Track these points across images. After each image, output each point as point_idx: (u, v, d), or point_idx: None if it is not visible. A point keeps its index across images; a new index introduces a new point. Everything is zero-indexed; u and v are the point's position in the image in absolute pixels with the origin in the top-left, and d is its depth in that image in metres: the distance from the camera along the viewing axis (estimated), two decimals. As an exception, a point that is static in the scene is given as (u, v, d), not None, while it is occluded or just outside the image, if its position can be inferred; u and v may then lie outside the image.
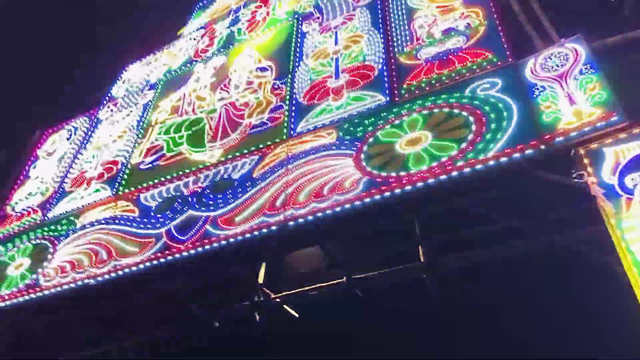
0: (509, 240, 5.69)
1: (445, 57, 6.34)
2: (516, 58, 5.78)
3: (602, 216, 4.08)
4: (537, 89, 5.26)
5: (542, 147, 4.78)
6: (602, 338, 5.57)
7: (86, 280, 6.68)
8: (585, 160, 4.46)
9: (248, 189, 6.39)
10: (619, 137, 4.43)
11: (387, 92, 6.43)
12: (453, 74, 6.07)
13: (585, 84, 4.96)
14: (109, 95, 10.86)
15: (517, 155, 4.86)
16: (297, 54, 8.12)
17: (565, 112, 4.86)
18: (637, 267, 3.73)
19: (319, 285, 6.75)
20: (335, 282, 6.62)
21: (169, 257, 6.28)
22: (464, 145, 5.20)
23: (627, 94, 4.73)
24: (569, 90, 5.01)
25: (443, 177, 5.11)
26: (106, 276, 6.56)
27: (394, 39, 7.14)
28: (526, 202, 5.59)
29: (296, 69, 7.81)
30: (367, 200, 5.39)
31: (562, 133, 4.74)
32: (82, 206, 8.00)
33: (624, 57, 5.56)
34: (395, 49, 6.96)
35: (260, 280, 7.07)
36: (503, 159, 4.90)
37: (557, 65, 5.31)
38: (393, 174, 5.40)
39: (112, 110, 10.14)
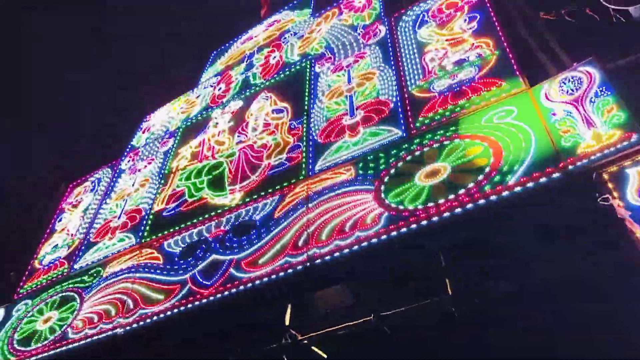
0: (537, 268, 5.56)
1: (458, 88, 6.39)
2: (530, 85, 5.80)
3: (632, 238, 3.98)
4: (554, 114, 5.25)
5: (564, 171, 4.74)
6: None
7: (114, 331, 6.69)
8: (609, 183, 4.40)
9: (270, 230, 6.41)
10: (642, 157, 4.38)
11: (402, 126, 6.47)
12: (468, 104, 6.10)
13: (602, 106, 4.94)
14: (130, 145, 11.12)
15: (538, 181, 4.82)
16: (312, 94, 8.27)
17: (584, 135, 4.84)
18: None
19: (346, 324, 6.64)
20: (362, 320, 6.51)
21: (195, 303, 6.27)
22: (484, 174, 5.19)
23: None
24: (586, 114, 4.99)
25: (467, 206, 5.07)
26: (134, 325, 6.57)
27: (406, 73, 7.23)
28: (551, 228, 5.48)
29: (311, 109, 7.93)
30: (390, 234, 5.37)
31: (583, 156, 4.70)
32: (108, 256, 8.09)
33: (637, 77, 5.54)
34: (408, 83, 7.04)
35: (287, 322, 6.98)
36: (525, 186, 4.86)
37: (572, 89, 5.31)
38: (414, 207, 5.39)
39: (133, 160, 10.37)
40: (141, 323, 6.54)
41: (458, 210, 5.10)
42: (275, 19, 12.32)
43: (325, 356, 7.15)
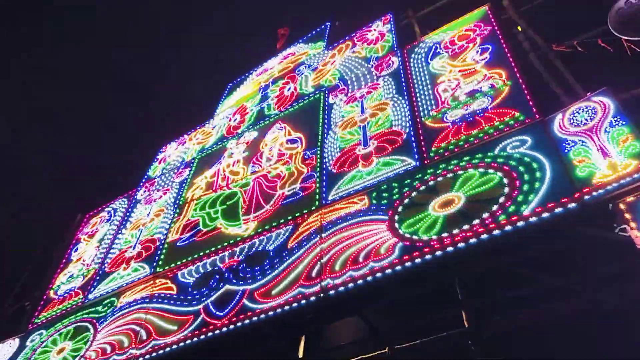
0: (554, 299, 5.45)
1: (471, 119, 6.40)
2: (543, 115, 5.79)
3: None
4: (568, 143, 5.23)
5: (579, 202, 4.69)
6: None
7: (126, 362, 6.66)
8: (626, 214, 4.34)
9: (283, 260, 6.40)
10: (661, 187, 4.33)
11: (416, 155, 6.48)
12: (481, 134, 6.10)
13: (617, 136, 4.91)
14: (147, 175, 11.27)
15: (555, 210, 4.77)
16: (325, 125, 8.34)
17: (599, 165, 4.80)
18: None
19: (360, 357, 6.54)
20: (377, 352, 6.40)
21: (208, 334, 6.24)
22: (499, 204, 5.15)
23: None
24: (601, 144, 4.96)
25: (482, 237, 5.03)
26: (147, 356, 6.53)
27: (420, 104, 7.28)
28: (569, 259, 5.40)
29: (325, 139, 7.99)
30: (404, 265, 5.32)
31: (599, 186, 4.65)
32: (122, 286, 8.11)
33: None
34: (422, 114, 7.07)
35: (300, 354, 6.89)
36: (541, 216, 4.81)
37: (586, 120, 5.30)
38: (429, 237, 5.35)
39: (149, 190, 10.48)
40: (154, 354, 6.50)
41: (473, 240, 5.05)
42: (290, 51, 12.56)
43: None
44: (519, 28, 7.78)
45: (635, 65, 6.24)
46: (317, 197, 7.01)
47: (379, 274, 5.42)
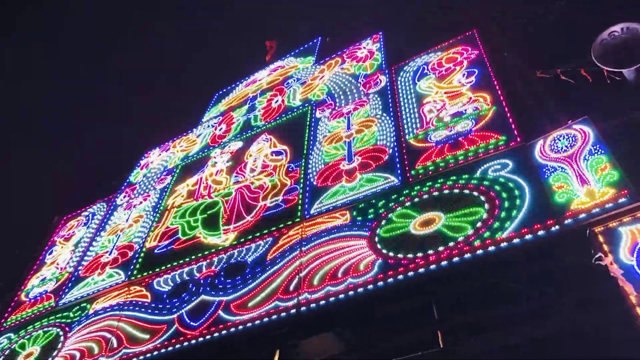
0: (530, 322, 5.48)
1: (455, 140, 6.47)
2: (525, 140, 5.88)
3: (624, 296, 3.96)
4: (548, 169, 5.31)
5: (557, 227, 4.75)
6: None
7: (95, 369, 6.51)
8: (602, 240, 4.41)
9: (262, 273, 6.35)
10: (636, 216, 4.40)
11: (399, 174, 6.52)
12: (464, 156, 6.17)
13: (595, 164, 5.00)
14: (128, 181, 11.14)
15: (533, 235, 4.83)
16: (311, 139, 8.36)
17: (578, 192, 4.88)
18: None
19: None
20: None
21: (180, 345, 6.14)
22: (478, 225, 5.21)
23: (637, 173, 4.74)
24: (580, 171, 5.05)
25: (458, 258, 5.06)
26: (116, 365, 6.40)
27: (405, 123, 7.34)
28: (546, 282, 5.44)
29: (310, 153, 8.00)
30: (383, 283, 5.32)
31: (576, 213, 4.72)
32: (96, 292, 7.96)
33: (631, 137, 5.64)
34: (406, 132, 7.14)
35: (274, 368, 6.82)
36: (519, 239, 4.87)
37: (567, 147, 5.39)
38: (407, 256, 5.37)
39: (129, 196, 10.36)
40: (124, 363, 6.37)
41: (451, 261, 5.09)
42: (279, 64, 12.60)
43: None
44: (505, 54, 7.91)
45: (615, 96, 6.39)
46: (299, 210, 6.99)
47: (357, 290, 5.41)
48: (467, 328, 5.89)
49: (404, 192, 6.20)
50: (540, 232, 4.81)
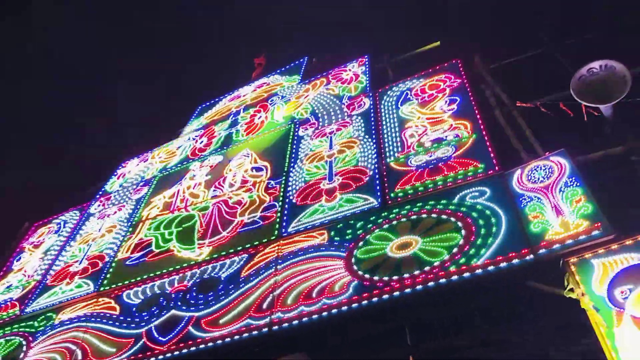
0: (501, 350, 5.50)
1: (435, 165, 6.53)
2: (503, 169, 5.96)
3: (594, 328, 4.01)
4: (524, 199, 5.38)
5: (532, 256, 4.80)
6: None
7: (57, 382, 6.30)
8: (574, 272, 4.46)
9: (235, 289, 6.26)
10: (610, 249, 4.47)
11: (378, 195, 6.53)
12: (442, 181, 6.22)
13: (571, 196, 5.08)
14: (103, 189, 10.96)
15: (507, 263, 4.87)
16: (293, 156, 8.34)
17: (552, 222, 4.94)
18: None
19: (303, 395, 6.38)
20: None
21: None
22: (454, 251, 5.23)
23: (611, 207, 4.84)
24: (555, 202, 5.12)
25: (433, 283, 5.07)
26: (79, 378, 6.21)
27: (386, 145, 7.40)
28: (519, 311, 5.48)
29: (291, 170, 7.98)
30: (357, 305, 5.28)
31: (550, 243, 4.78)
32: (63, 302, 7.75)
33: (606, 171, 5.76)
34: (387, 155, 7.18)
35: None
36: (493, 267, 4.90)
37: (543, 177, 5.48)
38: (383, 278, 5.36)
39: (104, 205, 10.18)
40: (87, 376, 6.18)
41: (426, 285, 5.09)
42: (264, 81, 12.63)
43: None
44: (488, 84, 8.07)
45: (592, 131, 6.54)
46: (277, 227, 6.94)
47: (331, 312, 5.36)
48: (440, 354, 5.89)
49: (383, 214, 6.21)
50: (515, 261, 4.85)
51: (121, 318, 6.82)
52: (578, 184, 5.17)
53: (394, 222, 5.99)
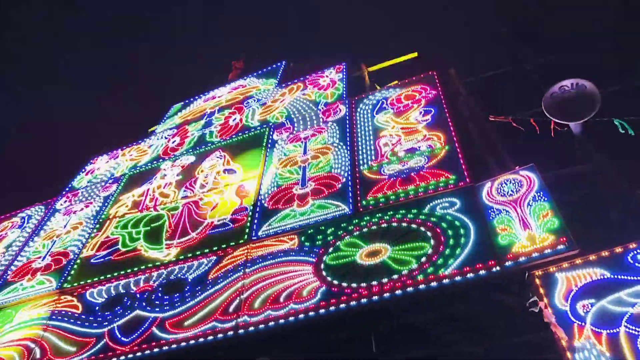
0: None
1: (407, 175, 6.58)
2: (474, 181, 6.05)
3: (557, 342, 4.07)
4: (493, 211, 5.46)
5: (498, 268, 4.87)
6: None
7: (12, 382, 6.10)
8: (539, 284, 4.54)
9: (201, 291, 6.18)
10: (574, 263, 4.56)
11: (350, 202, 6.54)
12: (414, 191, 6.27)
13: (538, 211, 5.17)
14: (70, 185, 10.71)
15: (474, 273, 4.92)
16: (266, 160, 8.30)
17: (519, 235, 5.03)
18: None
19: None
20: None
21: (108, 360, 5.85)
22: (422, 260, 5.27)
23: (577, 223, 4.95)
24: (523, 215, 5.21)
25: (401, 291, 5.09)
26: (35, 378, 6.02)
27: (360, 153, 7.42)
28: (484, 323, 5.54)
29: (264, 174, 7.94)
30: (324, 310, 5.27)
31: (517, 255, 4.86)
32: (23, 298, 7.52)
33: (573, 188, 5.90)
34: (361, 163, 7.21)
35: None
36: (461, 277, 4.95)
37: (512, 191, 5.57)
38: (352, 285, 5.36)
39: (70, 201, 9.94)
40: (44, 376, 6.01)
41: (393, 293, 5.11)
42: (240, 83, 12.57)
43: None
44: (462, 97, 8.20)
45: (563, 148, 6.70)
46: (247, 231, 6.88)
47: (298, 317, 5.34)
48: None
49: (354, 221, 6.22)
50: (482, 272, 4.91)
51: (83, 317, 6.66)
52: (546, 199, 5.27)
53: (365, 230, 6.01)
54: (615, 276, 4.32)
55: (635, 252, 4.42)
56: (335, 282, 5.48)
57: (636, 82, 7.43)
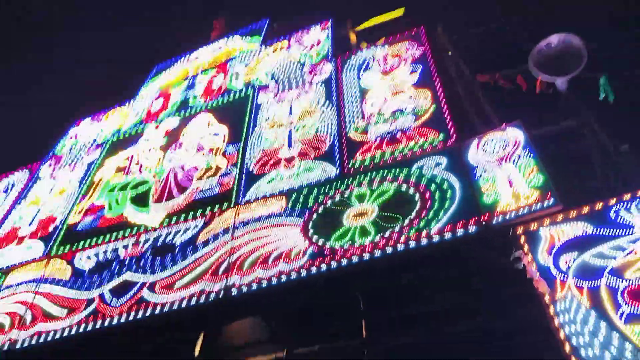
0: (450, 319, 5.66)
1: (394, 135, 6.56)
2: (460, 139, 6.05)
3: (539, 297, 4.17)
4: (479, 169, 5.48)
5: (483, 226, 4.92)
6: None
7: (4, 346, 6.14)
8: (523, 241, 4.61)
9: (190, 255, 6.21)
10: (557, 220, 4.62)
11: (337, 164, 6.53)
12: (401, 151, 6.27)
13: (523, 168, 5.21)
14: (53, 150, 10.54)
15: (459, 232, 4.98)
16: (251, 122, 8.20)
17: (504, 193, 5.07)
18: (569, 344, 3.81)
19: (257, 358, 6.45)
20: (274, 355, 6.34)
21: (99, 323, 5.90)
22: (408, 219, 5.31)
23: (561, 179, 4.99)
24: (508, 173, 5.25)
25: (387, 250, 5.15)
26: (27, 342, 6.06)
27: (347, 114, 7.36)
28: (468, 280, 5.63)
29: (249, 137, 7.86)
30: (312, 271, 5.33)
31: (501, 213, 4.92)
32: (11, 265, 7.50)
33: (559, 144, 5.92)
34: (347, 125, 7.15)
35: (197, 351, 6.68)
36: (446, 236, 5.01)
37: (498, 149, 5.58)
38: (339, 246, 5.40)
39: (54, 167, 9.80)
40: (38, 339, 6.06)
41: (380, 253, 5.16)
42: (223, 43, 12.27)
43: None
44: (449, 52, 8.10)
45: (548, 105, 6.68)
46: (234, 194, 6.87)
47: (285, 277, 5.39)
48: (391, 322, 6.01)
49: (341, 183, 6.23)
50: (468, 229, 4.96)
51: (72, 280, 6.68)
52: (532, 155, 5.29)
53: (352, 191, 6.02)
54: (598, 231, 4.39)
55: (617, 207, 4.48)
56: (324, 242, 5.52)
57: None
